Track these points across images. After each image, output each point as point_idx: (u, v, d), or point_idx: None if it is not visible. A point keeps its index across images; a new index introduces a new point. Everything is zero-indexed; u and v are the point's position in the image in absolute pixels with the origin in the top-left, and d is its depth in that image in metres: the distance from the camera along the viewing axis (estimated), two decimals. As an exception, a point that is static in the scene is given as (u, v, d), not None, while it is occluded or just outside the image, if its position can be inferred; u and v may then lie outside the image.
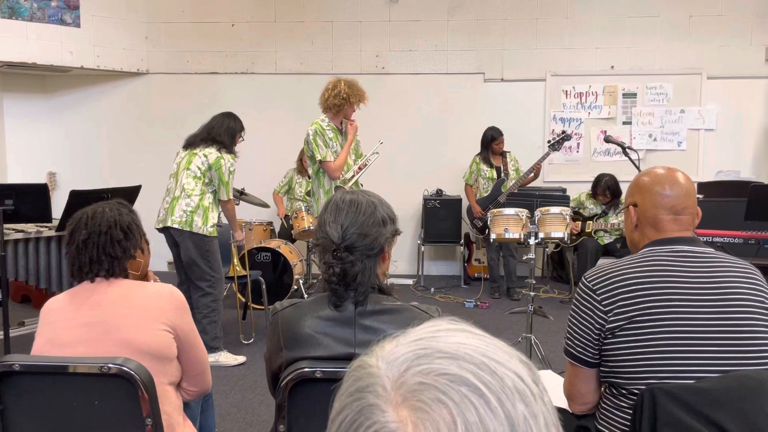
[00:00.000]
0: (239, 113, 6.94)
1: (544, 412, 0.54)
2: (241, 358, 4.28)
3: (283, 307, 1.68)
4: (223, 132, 4.28)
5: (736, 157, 6.89)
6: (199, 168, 4.16)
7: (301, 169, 6.34)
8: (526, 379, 0.55)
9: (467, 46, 6.97)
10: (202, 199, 4.16)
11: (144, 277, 2.14)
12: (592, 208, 6.06)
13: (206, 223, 4.14)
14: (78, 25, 6.60)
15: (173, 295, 1.95)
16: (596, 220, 5.98)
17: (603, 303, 1.62)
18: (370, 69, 7.00)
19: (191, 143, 4.28)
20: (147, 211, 2.11)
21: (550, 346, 4.52)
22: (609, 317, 1.60)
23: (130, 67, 7.04)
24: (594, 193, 6.00)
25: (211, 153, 4.19)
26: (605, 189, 5.89)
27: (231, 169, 4.22)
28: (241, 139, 4.43)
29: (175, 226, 4.11)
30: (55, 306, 1.92)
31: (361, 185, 4.61)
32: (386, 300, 1.65)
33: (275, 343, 1.66)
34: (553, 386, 2.13)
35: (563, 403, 1.84)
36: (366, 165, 4.60)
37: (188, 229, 4.11)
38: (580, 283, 1.71)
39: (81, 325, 1.85)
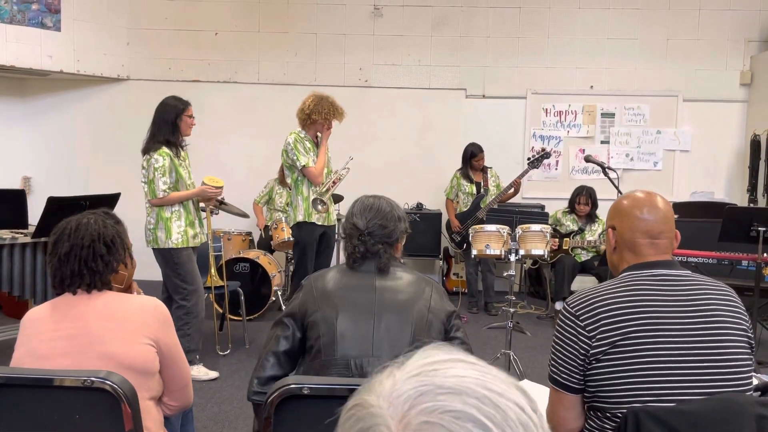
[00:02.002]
0: (220, 122, 6.99)
1: None
2: (214, 374, 4.20)
3: (314, 274, 2.07)
4: (160, 128, 4.03)
5: (711, 179, 7.03)
6: (144, 182, 4.05)
7: (282, 179, 6.32)
8: (526, 409, 0.55)
9: (450, 62, 7.03)
10: (160, 212, 4.04)
11: (127, 289, 2.11)
12: (568, 225, 6.14)
13: (170, 236, 4.02)
14: (58, 29, 6.53)
15: (157, 308, 1.93)
16: (573, 237, 6.05)
17: (587, 329, 1.63)
18: (353, 82, 7.03)
19: (143, 154, 4.08)
20: (125, 221, 2.08)
21: (528, 362, 4.55)
22: (593, 343, 1.62)
23: (111, 72, 6.98)
24: (573, 203, 6.08)
25: (144, 159, 4.01)
26: (588, 197, 5.99)
27: (156, 165, 3.93)
28: (190, 117, 4.13)
29: (148, 246, 4.09)
30: (37, 317, 1.89)
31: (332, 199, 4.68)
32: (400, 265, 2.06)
33: (307, 290, 1.99)
34: (538, 398, 2.13)
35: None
36: (339, 180, 4.66)
37: (156, 247, 4.06)
38: (562, 309, 1.72)
39: (62, 337, 1.83)
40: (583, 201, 6.02)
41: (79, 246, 1.88)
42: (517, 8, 6.99)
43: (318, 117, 4.47)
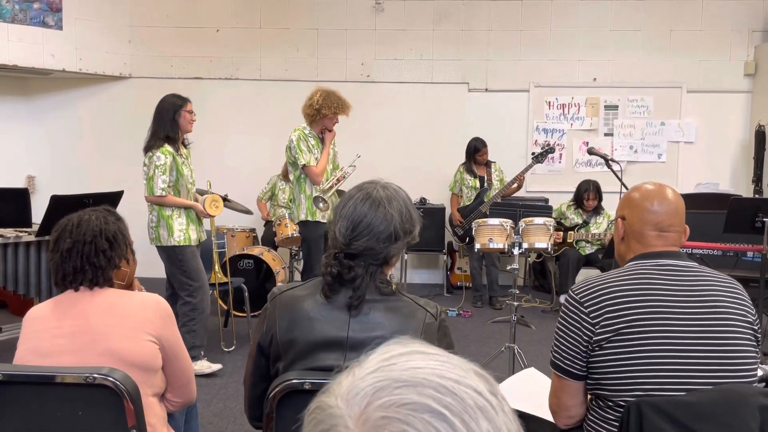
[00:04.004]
0: (222, 119, 6.99)
1: (507, 422, 0.55)
2: (216, 366, 4.20)
3: (281, 291, 1.68)
4: (160, 125, 4.02)
5: (715, 170, 6.99)
6: (144, 179, 4.05)
7: (286, 175, 6.31)
8: (484, 393, 0.56)
9: (452, 56, 7.01)
10: (161, 210, 4.04)
11: (129, 286, 2.12)
12: (573, 218, 6.12)
13: (171, 234, 4.02)
14: (60, 28, 6.53)
15: (159, 304, 1.93)
16: (577, 231, 6.04)
17: (591, 315, 1.63)
18: (355, 77, 7.02)
19: (144, 152, 4.07)
20: (129, 218, 2.09)
21: (532, 356, 4.54)
22: (596, 329, 1.62)
23: (113, 70, 6.98)
24: (580, 199, 6.05)
25: (147, 156, 4.01)
26: (595, 192, 5.97)
27: (158, 163, 3.92)
28: (189, 113, 4.12)
29: (152, 244, 4.10)
30: (39, 314, 1.89)
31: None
32: (382, 292, 1.61)
33: (271, 322, 1.64)
34: (539, 390, 2.13)
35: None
36: (344, 177, 4.64)
37: (159, 245, 4.07)
38: (566, 296, 1.72)
39: (65, 335, 1.83)
40: (591, 197, 5.99)
41: (81, 242, 1.88)
42: (518, 1, 6.95)
43: (328, 111, 4.44)
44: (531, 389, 2.14)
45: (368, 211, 1.56)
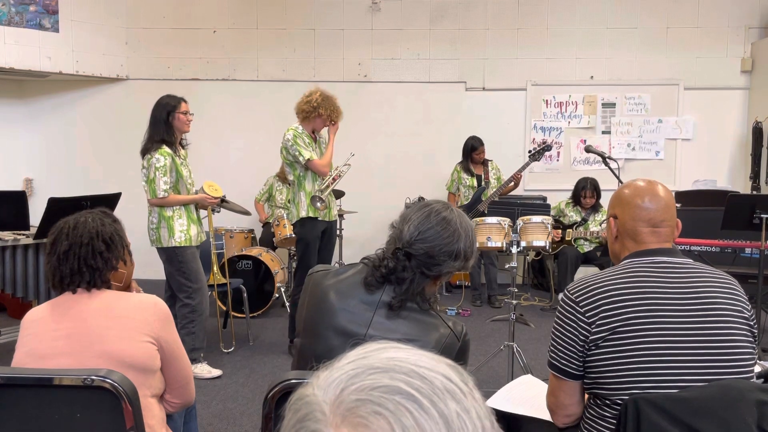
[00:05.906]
0: (220, 120, 6.99)
1: (476, 407, 0.57)
2: (217, 372, 4.20)
3: (317, 270, 1.74)
4: (156, 128, 4.02)
5: (713, 167, 7.00)
6: (144, 182, 4.03)
7: (284, 177, 6.31)
8: (454, 379, 0.59)
9: (449, 55, 7.01)
10: (161, 211, 4.03)
11: (127, 288, 2.11)
12: (572, 216, 6.12)
13: (173, 235, 4.02)
14: (57, 30, 6.52)
15: (157, 305, 1.93)
16: (576, 229, 6.04)
17: (586, 315, 1.63)
18: (352, 77, 7.01)
19: (142, 155, 4.07)
20: (126, 220, 2.10)
21: (532, 354, 4.55)
22: (592, 329, 1.62)
23: (110, 72, 6.97)
24: (578, 197, 6.06)
25: (146, 158, 4.01)
26: (593, 189, 5.98)
27: (157, 165, 3.92)
28: (184, 114, 4.11)
29: (154, 246, 4.09)
30: (37, 317, 1.89)
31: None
32: (419, 305, 1.62)
33: (301, 303, 1.74)
34: (537, 393, 2.14)
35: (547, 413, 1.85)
36: (339, 176, 4.64)
37: (160, 246, 4.06)
38: (562, 296, 1.72)
39: (63, 337, 1.83)
40: (588, 194, 6.01)
41: (77, 244, 1.88)
42: (515, -1, 6.97)
43: (324, 112, 4.45)
44: (527, 393, 2.14)
45: (440, 222, 1.63)
